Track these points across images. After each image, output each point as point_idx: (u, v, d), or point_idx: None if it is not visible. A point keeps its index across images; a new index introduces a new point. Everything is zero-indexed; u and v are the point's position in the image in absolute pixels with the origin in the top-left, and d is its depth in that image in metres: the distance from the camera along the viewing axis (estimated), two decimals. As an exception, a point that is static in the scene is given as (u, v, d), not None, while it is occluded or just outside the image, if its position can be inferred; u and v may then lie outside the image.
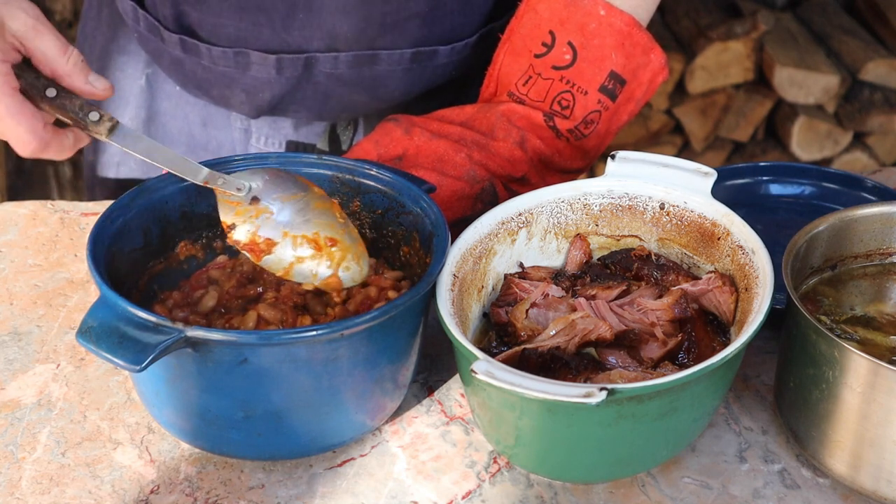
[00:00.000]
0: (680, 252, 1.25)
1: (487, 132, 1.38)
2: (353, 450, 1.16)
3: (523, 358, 1.12)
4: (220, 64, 1.47)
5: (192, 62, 1.49)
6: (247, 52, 1.45)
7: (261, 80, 1.47)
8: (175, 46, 1.49)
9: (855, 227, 1.22)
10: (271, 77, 1.46)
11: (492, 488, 1.13)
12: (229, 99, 1.52)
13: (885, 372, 1.03)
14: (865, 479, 1.09)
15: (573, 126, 1.38)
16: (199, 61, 1.48)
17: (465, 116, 1.41)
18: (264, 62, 1.45)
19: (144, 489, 1.12)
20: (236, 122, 1.60)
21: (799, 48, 3.33)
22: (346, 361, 1.08)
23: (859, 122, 3.29)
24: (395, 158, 1.37)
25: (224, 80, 1.49)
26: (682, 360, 1.14)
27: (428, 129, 1.38)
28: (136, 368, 1.01)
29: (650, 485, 1.13)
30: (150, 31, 1.50)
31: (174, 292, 1.22)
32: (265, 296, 1.20)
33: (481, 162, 1.36)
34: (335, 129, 1.59)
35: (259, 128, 1.59)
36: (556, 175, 1.41)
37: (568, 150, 1.39)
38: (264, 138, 1.60)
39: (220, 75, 1.49)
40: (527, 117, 1.38)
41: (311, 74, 1.46)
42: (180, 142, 1.62)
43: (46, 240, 1.44)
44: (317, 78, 1.47)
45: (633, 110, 1.42)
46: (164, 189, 1.23)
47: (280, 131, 1.59)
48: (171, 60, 1.52)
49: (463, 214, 1.34)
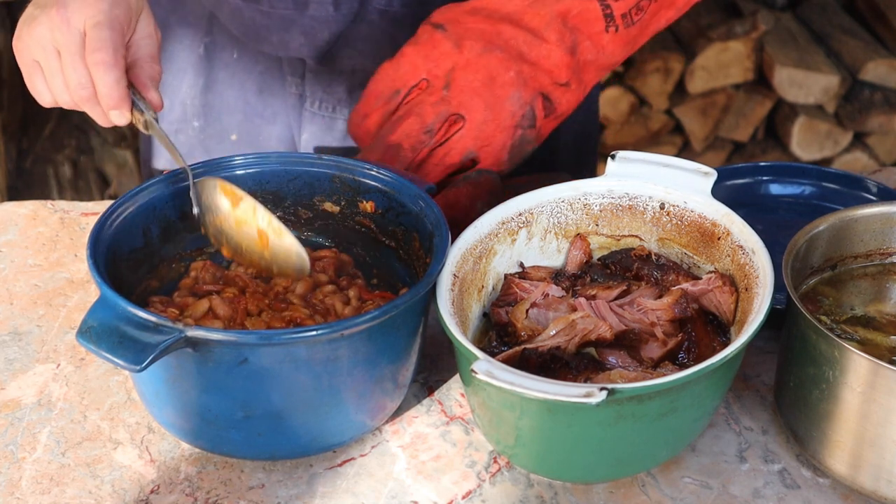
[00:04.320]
0: (680, 252, 1.25)
1: (537, 32, 1.37)
2: (353, 450, 1.16)
3: (523, 358, 1.12)
4: (278, 7, 1.51)
5: (252, 9, 1.53)
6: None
7: (318, 20, 1.51)
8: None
9: (855, 227, 1.22)
10: (329, 15, 1.50)
11: (492, 488, 1.13)
12: (289, 43, 1.55)
13: (885, 372, 1.03)
14: (865, 479, 1.09)
15: (626, 10, 1.37)
16: (258, 7, 1.52)
17: (513, 7, 1.38)
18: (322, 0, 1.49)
19: (144, 489, 1.12)
20: (291, 88, 1.63)
21: (799, 48, 3.33)
22: (346, 361, 1.08)
23: (859, 122, 3.29)
24: (445, 74, 1.36)
25: (283, 23, 1.53)
26: (682, 360, 1.14)
27: (478, 40, 1.37)
28: (136, 368, 1.01)
29: (650, 485, 1.13)
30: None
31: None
32: (225, 291, 1.21)
33: (528, 78, 1.36)
34: None
35: (313, 92, 1.62)
36: (594, 72, 1.39)
37: (611, 44, 1.38)
38: (318, 102, 1.63)
39: (279, 19, 1.52)
40: (582, 14, 1.37)
41: (366, 11, 1.50)
42: (237, 108, 1.66)
43: (46, 240, 1.44)
44: (371, 16, 1.50)
45: (671, 17, 1.41)
46: (164, 189, 1.23)
47: (333, 95, 1.62)
48: (230, 10, 1.55)
49: (502, 145, 1.35)
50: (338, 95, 1.62)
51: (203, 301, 1.19)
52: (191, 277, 1.25)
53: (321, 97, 1.62)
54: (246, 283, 1.23)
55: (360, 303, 1.23)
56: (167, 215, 1.24)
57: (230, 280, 1.24)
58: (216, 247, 1.23)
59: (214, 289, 1.22)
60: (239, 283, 1.23)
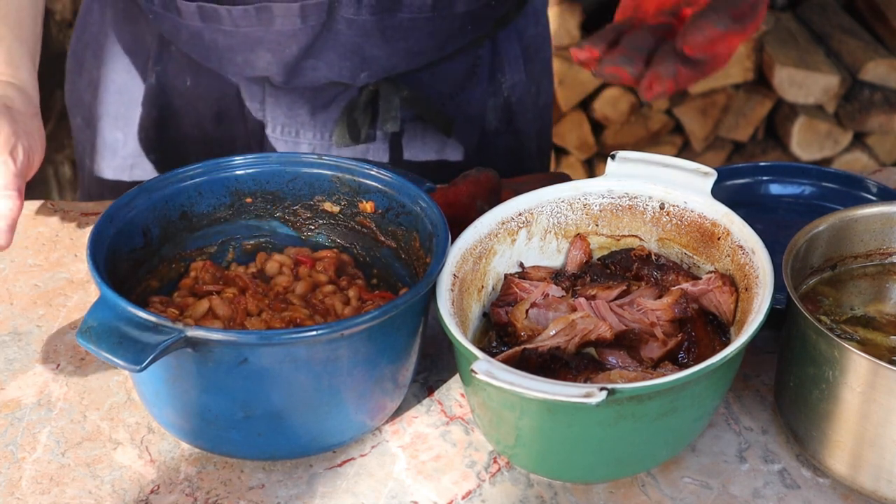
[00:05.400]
0: (680, 252, 1.25)
1: None
2: (353, 450, 1.16)
3: (523, 358, 1.12)
4: (241, 25, 1.46)
5: (213, 30, 1.48)
6: (269, 6, 1.44)
7: (286, 34, 1.46)
8: (193, 17, 1.47)
9: (855, 227, 1.22)
10: (296, 27, 1.46)
11: (492, 488, 1.13)
12: (255, 63, 1.51)
13: (885, 372, 1.03)
14: (865, 479, 1.09)
15: None
16: (219, 27, 1.47)
17: None
18: (288, 12, 1.44)
19: (144, 489, 1.12)
20: (251, 115, 1.59)
21: (799, 48, 3.33)
22: (346, 361, 1.08)
23: (859, 122, 3.29)
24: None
25: (248, 42, 1.48)
26: (682, 360, 1.14)
27: None
28: (136, 368, 1.01)
29: (650, 485, 1.13)
30: (165, 7, 1.49)
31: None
32: (225, 291, 1.21)
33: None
34: (352, 112, 1.58)
35: (275, 117, 1.59)
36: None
37: None
38: (280, 127, 1.59)
39: (244, 38, 1.48)
40: None
41: (334, 21, 1.46)
42: (195, 139, 1.61)
43: (46, 240, 1.44)
44: (339, 25, 1.46)
45: None
46: (164, 189, 1.23)
47: (296, 118, 1.58)
48: (189, 35, 1.51)
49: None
50: (301, 118, 1.58)
51: (203, 301, 1.19)
52: (191, 277, 1.25)
53: (283, 122, 1.59)
54: (246, 283, 1.23)
55: (360, 303, 1.23)
56: (167, 215, 1.24)
57: (230, 280, 1.24)
58: None
59: (214, 289, 1.22)
60: (239, 283, 1.23)
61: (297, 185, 1.28)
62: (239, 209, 1.28)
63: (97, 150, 1.69)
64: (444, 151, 1.67)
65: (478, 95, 1.66)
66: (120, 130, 1.67)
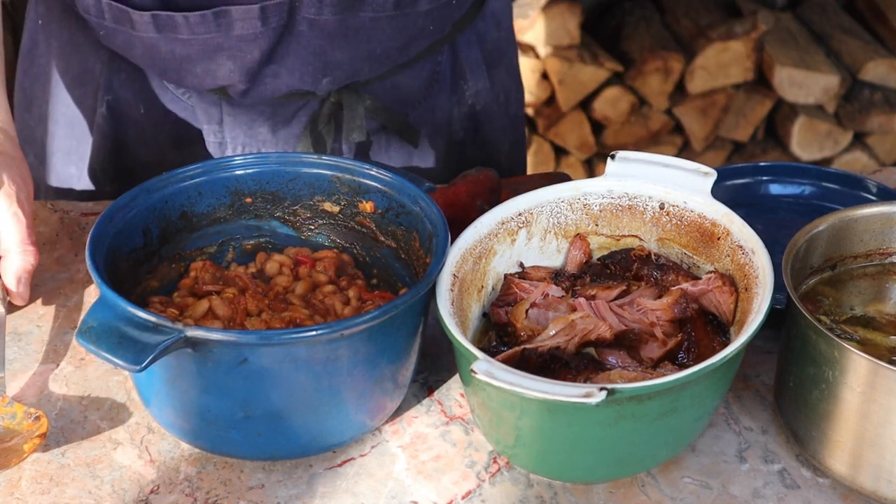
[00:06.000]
0: (680, 252, 1.25)
1: None
2: (353, 450, 1.16)
3: (523, 358, 1.12)
4: (200, 32, 1.41)
5: (169, 41, 1.42)
6: (227, 10, 1.39)
7: (246, 39, 1.41)
8: (148, 28, 1.42)
9: (855, 227, 1.22)
10: (257, 31, 1.40)
11: (492, 488, 1.13)
12: (215, 72, 1.46)
13: (885, 372, 1.03)
14: (865, 479, 1.09)
15: None
16: (176, 37, 1.42)
17: None
18: (248, 15, 1.39)
19: (144, 489, 1.12)
20: (209, 136, 1.55)
21: (799, 48, 3.33)
22: (346, 361, 1.08)
23: (859, 122, 3.29)
24: None
25: (207, 50, 1.43)
26: (681, 360, 1.14)
27: None
28: (135, 368, 1.01)
29: (650, 485, 1.13)
30: (117, 21, 1.43)
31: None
32: (225, 291, 1.21)
33: None
34: (316, 125, 1.55)
35: (234, 137, 1.55)
36: None
37: None
38: (241, 147, 1.56)
39: (202, 46, 1.42)
40: None
41: (296, 23, 1.41)
42: (154, 166, 1.56)
43: (46, 240, 1.44)
44: (300, 27, 1.42)
45: None
46: (164, 189, 1.23)
47: (256, 136, 1.55)
48: (144, 49, 1.45)
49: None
50: (262, 136, 1.55)
51: (203, 301, 1.19)
52: (190, 277, 1.25)
53: (244, 141, 1.55)
54: (246, 283, 1.23)
55: (359, 303, 1.23)
56: (167, 215, 1.24)
57: (230, 280, 1.24)
58: None
59: (214, 289, 1.22)
60: (239, 283, 1.23)
61: (297, 185, 1.28)
62: (239, 209, 1.29)
63: (52, 188, 1.65)
64: (410, 163, 1.64)
65: (442, 104, 1.64)
66: (73, 165, 1.63)
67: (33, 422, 1.15)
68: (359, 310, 1.22)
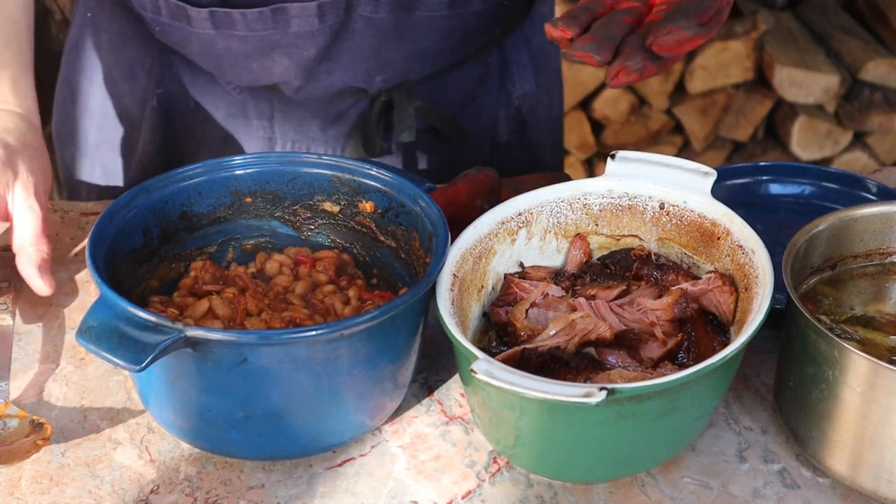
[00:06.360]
0: (680, 252, 1.25)
1: None
2: (353, 450, 1.16)
3: (523, 358, 1.12)
4: (257, 28, 1.42)
5: (226, 37, 1.44)
6: (285, 7, 1.40)
7: (303, 35, 1.43)
8: (205, 24, 1.43)
9: (855, 227, 1.22)
10: (314, 28, 1.42)
11: (492, 488, 1.13)
12: (271, 69, 1.47)
13: (885, 372, 1.03)
14: (865, 478, 1.09)
15: None
16: (233, 33, 1.43)
17: None
18: (305, 12, 1.41)
19: (144, 489, 1.12)
20: (259, 132, 1.57)
21: (799, 48, 3.33)
22: (346, 361, 1.08)
23: (859, 122, 3.29)
24: None
25: (263, 47, 1.44)
26: (681, 360, 1.14)
27: None
28: (136, 368, 1.01)
29: (650, 485, 1.13)
30: (174, 17, 1.45)
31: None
32: (225, 291, 1.21)
33: None
34: (366, 125, 1.56)
35: (284, 133, 1.56)
36: None
37: None
38: (290, 143, 1.57)
39: (259, 42, 1.44)
40: None
41: (352, 20, 1.43)
42: (200, 159, 1.55)
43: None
44: (356, 25, 1.44)
45: None
46: (163, 189, 1.23)
47: (306, 133, 1.56)
48: (200, 45, 1.47)
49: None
50: (311, 133, 1.56)
51: (203, 301, 1.19)
52: (191, 277, 1.25)
53: (293, 137, 1.56)
54: (246, 283, 1.23)
55: (359, 303, 1.23)
56: (167, 215, 1.24)
57: (230, 280, 1.24)
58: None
59: (214, 289, 1.22)
60: (239, 283, 1.23)
61: (297, 184, 1.28)
62: (239, 209, 1.29)
63: (96, 180, 1.67)
64: (457, 164, 1.65)
65: (489, 105, 1.65)
66: (122, 158, 1.65)
67: (36, 428, 1.14)
68: (359, 310, 1.22)
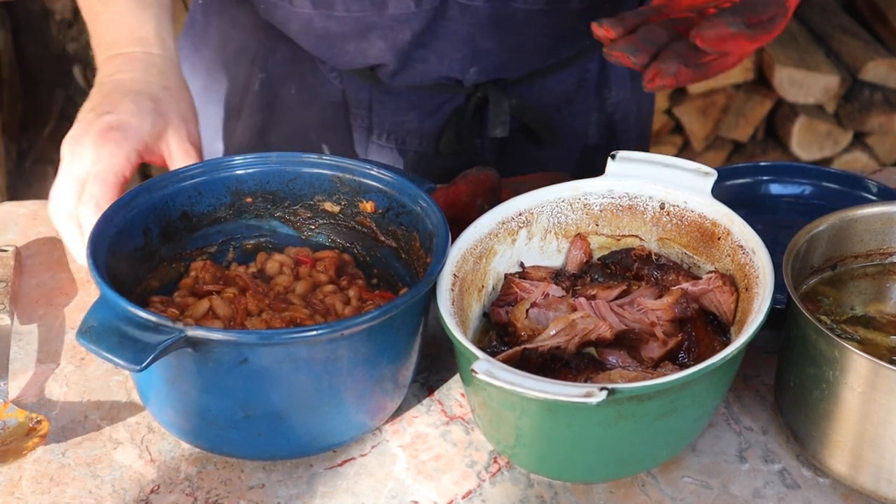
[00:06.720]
0: (680, 252, 1.25)
1: None
2: (353, 449, 1.16)
3: (523, 358, 1.12)
4: (354, 10, 1.45)
5: (324, 17, 1.47)
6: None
7: (399, 19, 1.46)
8: (304, 4, 1.47)
9: (855, 227, 1.22)
10: (410, 11, 1.45)
11: (492, 488, 1.13)
12: (367, 50, 1.50)
13: (885, 372, 1.04)
14: (865, 478, 1.09)
15: None
16: (331, 14, 1.47)
17: None
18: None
19: (144, 489, 1.12)
20: (356, 121, 1.59)
21: (799, 48, 3.33)
22: (346, 361, 1.08)
23: (859, 122, 3.29)
24: None
25: (360, 28, 1.47)
26: (682, 360, 1.14)
27: None
28: (136, 368, 1.01)
29: (650, 485, 1.13)
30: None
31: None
32: (225, 291, 1.21)
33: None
34: (461, 119, 1.57)
35: (381, 123, 1.58)
36: None
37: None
38: (386, 135, 1.59)
39: (355, 24, 1.47)
40: None
41: (448, 7, 1.45)
42: (297, 146, 1.60)
43: (46, 240, 1.44)
44: (452, 12, 1.46)
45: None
46: (164, 189, 1.23)
47: (403, 126, 1.57)
48: (300, 24, 1.50)
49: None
50: (408, 125, 1.57)
51: (203, 301, 1.19)
52: (191, 277, 1.25)
53: (389, 128, 1.58)
54: (246, 283, 1.23)
55: (360, 303, 1.23)
56: (168, 215, 1.24)
57: (230, 280, 1.24)
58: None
59: (214, 289, 1.22)
60: (239, 283, 1.23)
61: (298, 184, 1.28)
62: (239, 209, 1.29)
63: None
64: (546, 165, 1.66)
65: (583, 110, 1.66)
66: (221, 141, 1.68)
67: (34, 426, 1.15)
68: (359, 309, 1.22)
